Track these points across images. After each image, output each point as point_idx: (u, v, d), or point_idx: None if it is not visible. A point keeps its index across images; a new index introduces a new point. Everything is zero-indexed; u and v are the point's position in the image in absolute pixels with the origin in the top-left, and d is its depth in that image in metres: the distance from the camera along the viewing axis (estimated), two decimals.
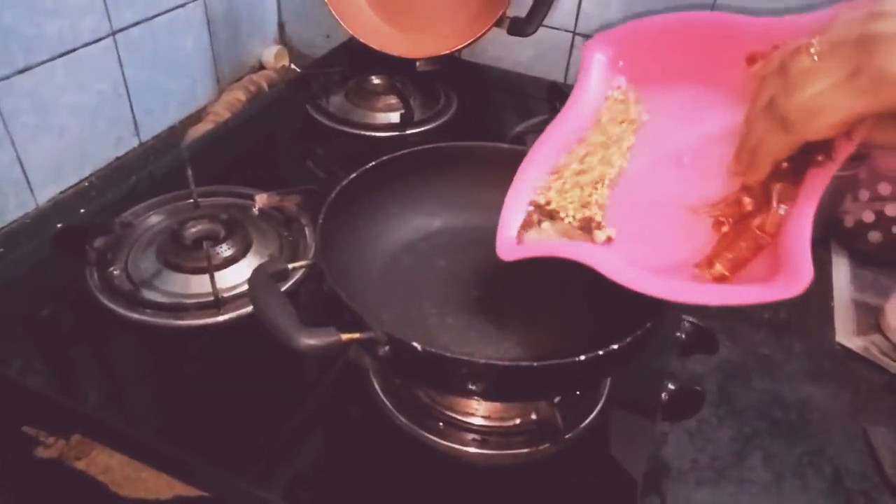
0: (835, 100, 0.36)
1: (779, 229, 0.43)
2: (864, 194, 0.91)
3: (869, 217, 0.91)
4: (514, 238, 0.53)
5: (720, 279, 0.45)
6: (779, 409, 0.71)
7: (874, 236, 0.92)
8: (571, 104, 0.56)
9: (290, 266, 0.49)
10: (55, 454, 0.61)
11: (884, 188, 0.88)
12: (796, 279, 0.39)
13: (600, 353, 0.43)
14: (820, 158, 0.42)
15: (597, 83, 0.55)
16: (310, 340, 0.42)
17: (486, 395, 0.47)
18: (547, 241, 0.51)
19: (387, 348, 0.44)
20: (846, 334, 0.80)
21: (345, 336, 0.43)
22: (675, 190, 0.50)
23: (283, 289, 0.60)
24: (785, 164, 0.43)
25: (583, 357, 0.42)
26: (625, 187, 0.53)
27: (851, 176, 0.89)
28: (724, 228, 0.47)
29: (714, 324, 0.81)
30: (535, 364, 0.42)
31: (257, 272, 0.46)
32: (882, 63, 0.34)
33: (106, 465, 0.60)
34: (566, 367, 0.43)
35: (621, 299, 0.55)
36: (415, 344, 0.43)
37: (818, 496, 0.62)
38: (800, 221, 0.42)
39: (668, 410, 0.59)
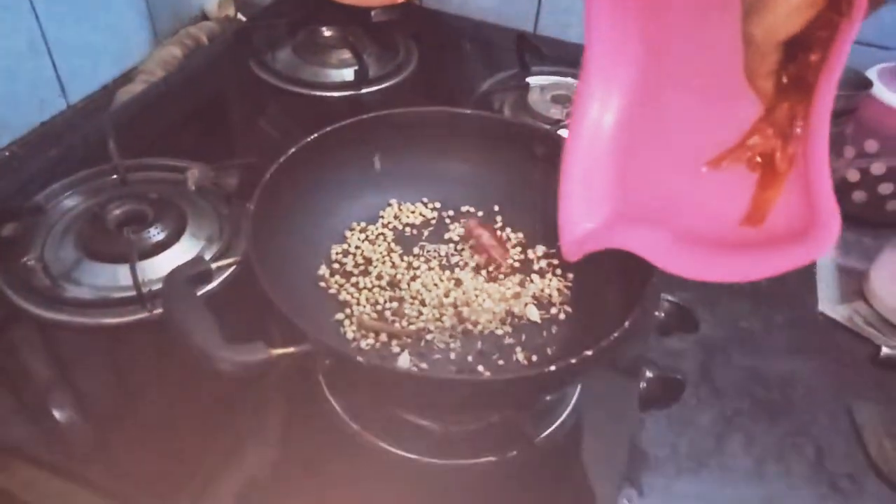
0: None
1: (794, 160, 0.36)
2: (850, 151, 0.86)
3: (854, 176, 0.86)
4: (579, 234, 0.46)
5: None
6: (760, 387, 0.67)
7: (858, 196, 0.87)
8: (589, 74, 0.48)
9: (215, 266, 0.42)
10: None
11: (870, 145, 0.83)
12: (820, 229, 0.32)
13: (573, 360, 0.37)
14: (814, 58, 0.35)
15: (610, 33, 0.46)
16: (234, 357, 0.35)
17: (445, 411, 0.42)
18: (604, 231, 0.45)
19: (328, 362, 0.38)
20: (829, 302, 0.76)
21: (276, 351, 0.36)
22: (699, 137, 0.42)
23: (210, 288, 0.54)
24: (785, 79, 0.36)
25: (553, 368, 0.37)
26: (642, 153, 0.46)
27: (836, 132, 0.84)
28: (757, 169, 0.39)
29: (693, 296, 0.77)
30: (498, 378, 0.37)
31: (171, 278, 0.39)
32: None
33: (29, 479, 0.54)
34: (534, 379, 0.37)
35: (597, 288, 0.51)
36: (359, 359, 0.37)
37: (800, 481, 0.59)
38: (811, 145, 0.34)
39: (646, 400, 0.55)
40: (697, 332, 0.68)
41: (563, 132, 0.63)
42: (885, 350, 0.69)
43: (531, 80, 0.85)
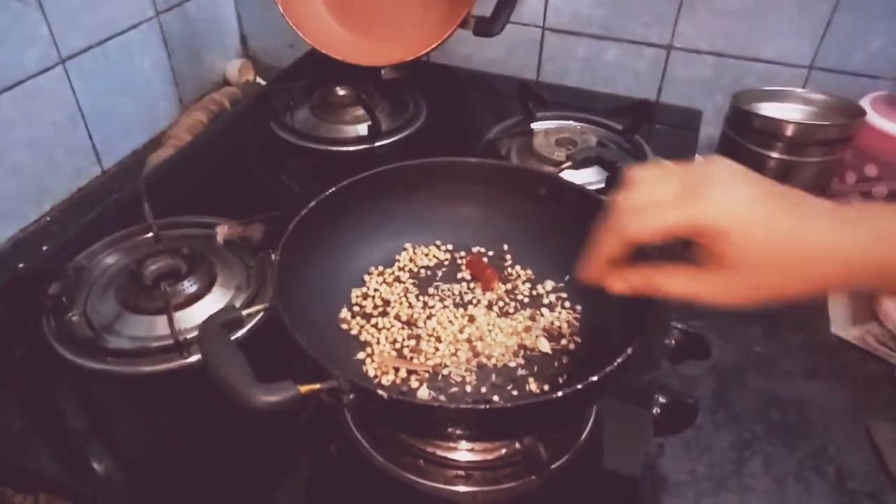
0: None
1: None
2: (851, 176, 0.88)
3: (856, 200, 0.89)
4: None
5: None
6: (776, 410, 0.68)
7: None
8: None
9: (245, 313, 0.46)
10: None
11: (870, 169, 0.86)
12: None
13: (579, 387, 0.40)
14: None
15: None
16: (268, 398, 0.39)
17: (463, 439, 0.45)
18: None
19: (352, 396, 0.41)
20: (842, 324, 0.77)
21: (303, 388, 0.40)
22: None
23: (241, 333, 0.58)
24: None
25: (560, 393, 0.39)
26: None
27: (836, 158, 0.86)
28: None
29: (704, 323, 0.79)
30: (508, 405, 0.39)
31: (207, 325, 0.43)
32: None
33: None
34: (544, 405, 0.40)
35: (605, 318, 0.53)
36: (381, 392, 0.40)
37: (822, 500, 0.60)
38: None
39: (660, 426, 0.56)
40: (710, 359, 0.69)
41: (564, 174, 0.67)
42: None
43: (535, 125, 0.89)
